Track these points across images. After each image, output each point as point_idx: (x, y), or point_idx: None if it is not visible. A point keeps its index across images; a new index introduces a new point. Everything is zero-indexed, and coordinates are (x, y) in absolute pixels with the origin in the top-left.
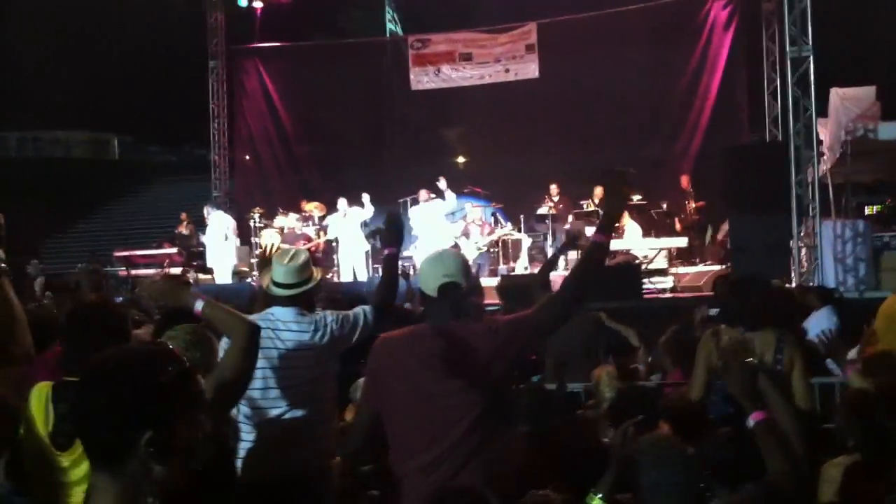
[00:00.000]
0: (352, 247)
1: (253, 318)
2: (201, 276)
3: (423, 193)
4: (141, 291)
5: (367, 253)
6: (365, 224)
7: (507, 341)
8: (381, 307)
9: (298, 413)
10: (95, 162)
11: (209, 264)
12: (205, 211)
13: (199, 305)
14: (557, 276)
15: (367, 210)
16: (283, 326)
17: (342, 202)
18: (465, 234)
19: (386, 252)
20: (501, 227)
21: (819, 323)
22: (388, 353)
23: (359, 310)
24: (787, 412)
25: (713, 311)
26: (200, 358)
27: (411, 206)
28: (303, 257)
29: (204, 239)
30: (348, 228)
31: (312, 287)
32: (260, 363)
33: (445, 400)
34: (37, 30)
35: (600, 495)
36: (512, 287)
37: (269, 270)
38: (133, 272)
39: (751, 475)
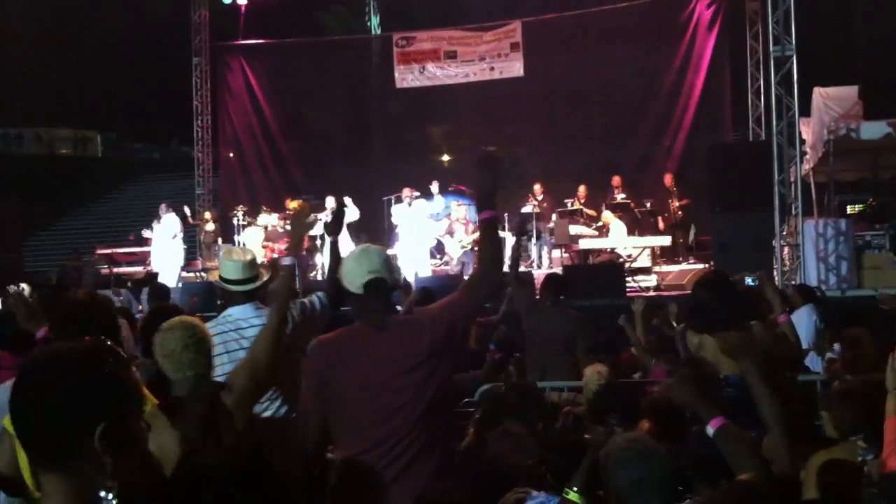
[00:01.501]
0: (340, 245)
1: (211, 323)
2: (184, 273)
3: (406, 191)
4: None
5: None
6: (349, 226)
7: (449, 327)
8: (333, 292)
9: (275, 410)
10: (79, 159)
11: (155, 266)
12: (160, 210)
13: (287, 261)
14: (540, 273)
15: (353, 212)
16: (245, 324)
17: (330, 200)
18: (450, 232)
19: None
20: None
21: (800, 321)
22: (330, 355)
23: (314, 296)
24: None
25: None
26: (196, 356)
27: (395, 203)
28: (250, 253)
29: (153, 238)
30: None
31: (262, 283)
32: (229, 367)
33: (398, 395)
34: (19, 26)
35: (576, 489)
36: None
37: (217, 268)
38: (115, 269)
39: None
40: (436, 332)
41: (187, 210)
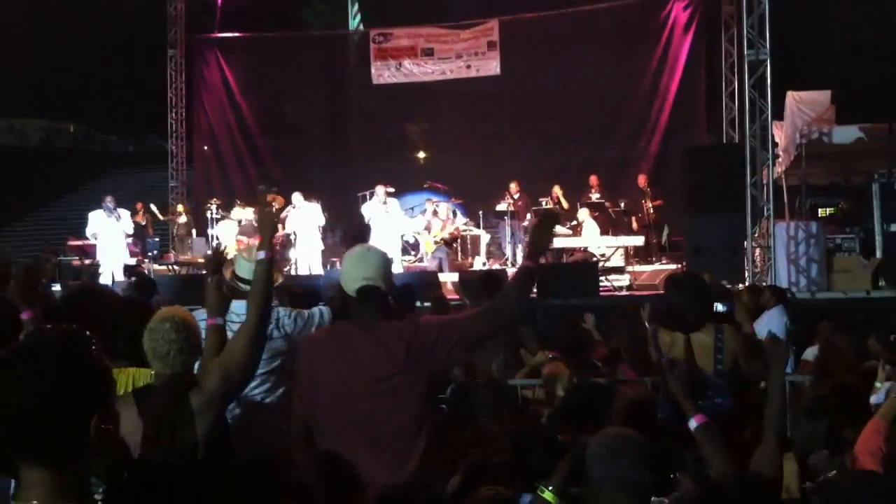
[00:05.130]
0: (307, 241)
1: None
2: (156, 266)
3: (380, 188)
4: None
5: (321, 252)
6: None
7: (433, 343)
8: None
9: (267, 390)
10: (51, 150)
11: (102, 259)
12: (109, 202)
13: (261, 255)
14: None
15: (318, 216)
16: (236, 319)
17: (297, 196)
18: (427, 228)
19: None
20: (455, 222)
21: (770, 321)
22: (315, 354)
23: (315, 310)
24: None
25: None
26: (186, 357)
27: (369, 199)
28: None
29: (103, 231)
30: (304, 223)
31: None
32: None
33: (376, 400)
34: None
35: (550, 488)
36: (472, 282)
37: (232, 265)
38: (86, 261)
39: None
40: (416, 342)
41: (154, 207)
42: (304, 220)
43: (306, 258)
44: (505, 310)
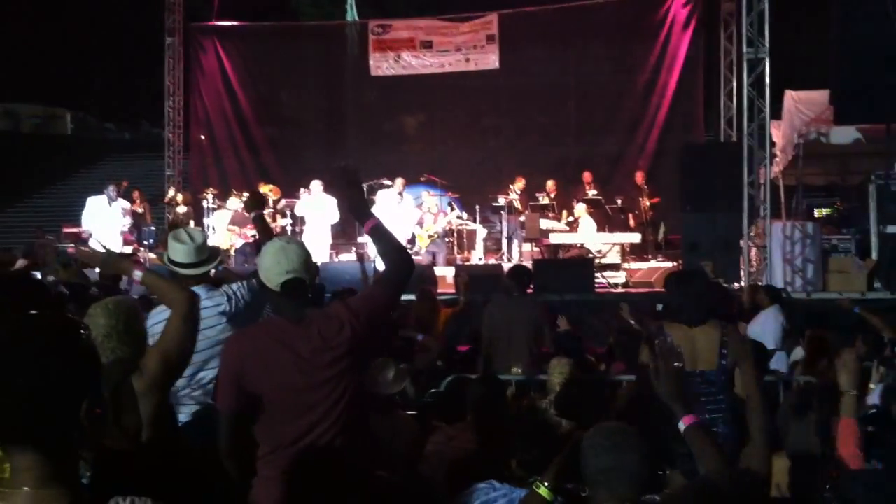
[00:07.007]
0: (315, 231)
1: (161, 308)
2: (151, 255)
3: (400, 181)
4: (82, 258)
5: (329, 245)
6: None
7: (369, 320)
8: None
9: None
10: (48, 136)
11: (96, 248)
12: (112, 191)
13: (137, 275)
14: (507, 267)
15: (329, 203)
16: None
17: (316, 184)
18: (420, 223)
19: None
20: (448, 215)
21: (766, 321)
22: (245, 348)
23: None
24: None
25: (661, 307)
26: (119, 345)
27: (381, 189)
28: (201, 237)
29: (91, 224)
30: (315, 211)
31: (215, 266)
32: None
33: (315, 390)
34: None
35: (546, 483)
36: (468, 276)
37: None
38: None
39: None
40: (356, 325)
41: (172, 190)
42: (315, 208)
43: (313, 246)
44: (394, 269)
